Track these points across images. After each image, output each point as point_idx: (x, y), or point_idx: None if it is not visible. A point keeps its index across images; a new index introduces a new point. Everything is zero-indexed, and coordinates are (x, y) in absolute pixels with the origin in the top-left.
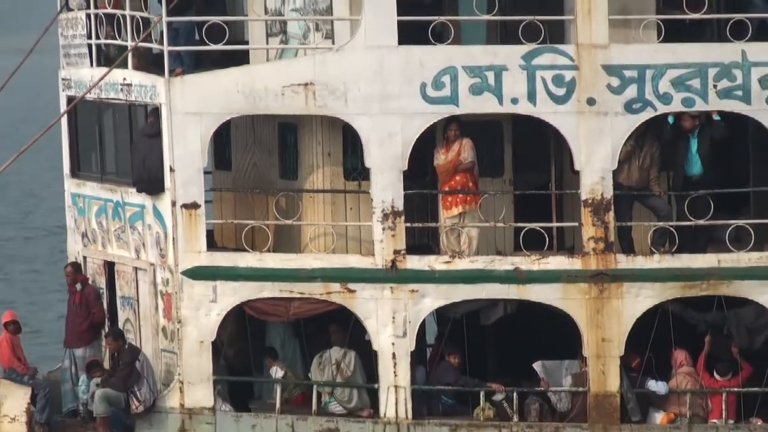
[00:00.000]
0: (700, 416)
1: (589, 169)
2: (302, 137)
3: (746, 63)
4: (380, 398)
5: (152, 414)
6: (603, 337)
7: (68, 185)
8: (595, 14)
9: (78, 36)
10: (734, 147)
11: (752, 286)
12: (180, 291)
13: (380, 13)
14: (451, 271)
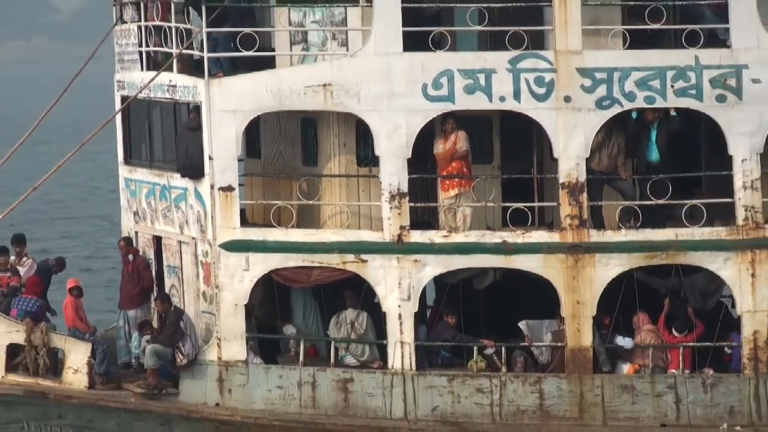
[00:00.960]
0: (660, 367)
1: (565, 156)
2: (321, 130)
3: (699, 66)
4: (388, 352)
5: (194, 366)
6: (578, 300)
7: (122, 171)
8: (571, 25)
9: (131, 44)
10: (688, 138)
11: (704, 256)
12: (217, 261)
13: (388, 24)
14: (449, 244)
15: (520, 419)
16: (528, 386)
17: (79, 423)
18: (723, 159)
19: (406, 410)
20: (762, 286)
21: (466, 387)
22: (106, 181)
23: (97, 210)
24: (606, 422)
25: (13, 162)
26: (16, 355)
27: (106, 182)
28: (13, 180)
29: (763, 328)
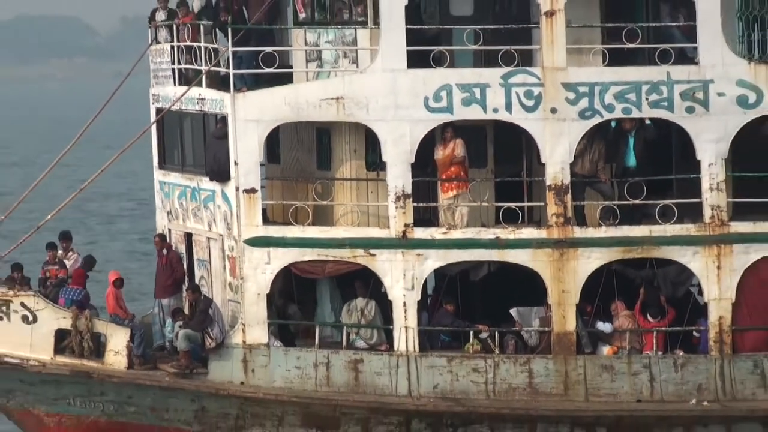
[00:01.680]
0: (636, 349)
1: (551, 161)
2: (334, 138)
3: (670, 81)
4: (394, 336)
5: (221, 349)
6: (563, 289)
7: (157, 175)
8: (556, 44)
9: (164, 62)
10: (661, 144)
11: (675, 250)
12: (242, 255)
13: (393, 44)
14: (448, 240)
15: (512, 395)
16: (518, 366)
17: (119, 399)
18: (692, 163)
19: (410, 387)
20: (726, 277)
21: (464, 367)
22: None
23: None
24: (588, 398)
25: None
26: (63, 339)
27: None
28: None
29: (728, 314)
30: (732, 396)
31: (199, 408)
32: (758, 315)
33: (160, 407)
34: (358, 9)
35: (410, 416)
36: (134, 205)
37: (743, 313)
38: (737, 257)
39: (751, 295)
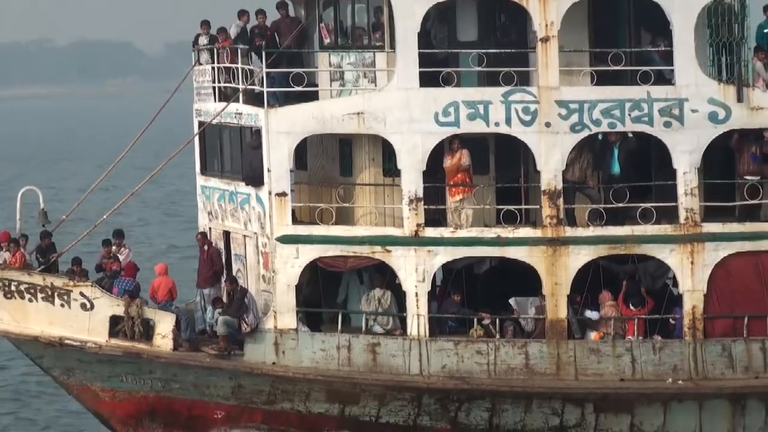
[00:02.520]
0: (620, 334)
1: (546, 169)
2: (355, 148)
3: (650, 99)
4: (407, 322)
5: (256, 333)
6: (556, 282)
7: (199, 180)
8: (550, 67)
9: (206, 81)
10: (642, 155)
11: (654, 247)
12: (274, 251)
13: (407, 66)
14: (455, 238)
15: (510, 375)
16: (516, 349)
17: (165, 377)
18: (669, 172)
19: (421, 368)
20: (699, 271)
21: (468, 350)
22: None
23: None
24: (577, 377)
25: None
26: (117, 323)
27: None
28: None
29: (700, 304)
30: (703, 375)
31: (235, 385)
32: (726, 304)
33: (201, 384)
34: (376, 35)
35: (421, 393)
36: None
37: (713, 303)
38: (708, 254)
39: (720, 287)
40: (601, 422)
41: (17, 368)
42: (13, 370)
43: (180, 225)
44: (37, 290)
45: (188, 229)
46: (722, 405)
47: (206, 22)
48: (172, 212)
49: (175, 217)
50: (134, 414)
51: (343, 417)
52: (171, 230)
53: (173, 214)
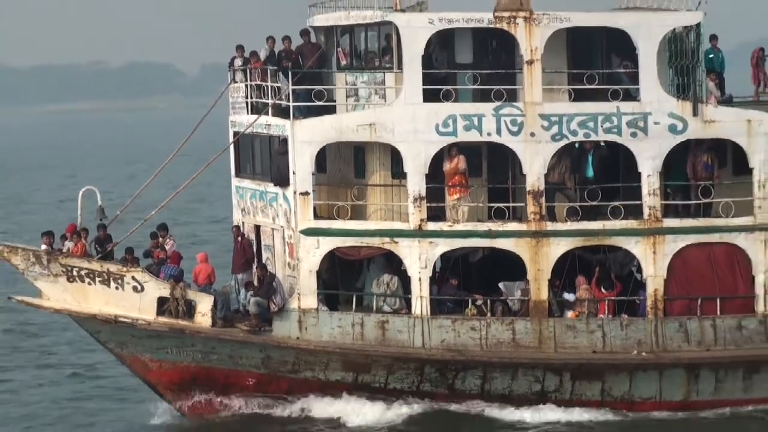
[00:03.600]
0: (593, 313)
1: (530, 173)
2: (368, 154)
3: (619, 113)
4: (412, 303)
5: (282, 312)
6: (539, 268)
7: (234, 181)
8: (535, 85)
9: (240, 96)
10: (612, 160)
11: (622, 239)
12: (298, 242)
13: (412, 84)
14: (453, 231)
15: (499, 348)
16: (505, 326)
17: (205, 349)
18: (635, 175)
19: (423, 342)
20: (660, 260)
21: (464, 326)
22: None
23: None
24: (556, 350)
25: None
26: (163, 304)
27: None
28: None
29: (660, 287)
30: (663, 348)
31: (265, 356)
32: (683, 288)
33: (236, 355)
34: (386, 58)
35: (423, 363)
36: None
37: (672, 287)
38: (668, 245)
39: (678, 273)
40: (576, 388)
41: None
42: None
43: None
44: (96, 275)
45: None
46: (679, 373)
47: (240, 46)
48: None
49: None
50: (178, 381)
51: (356, 383)
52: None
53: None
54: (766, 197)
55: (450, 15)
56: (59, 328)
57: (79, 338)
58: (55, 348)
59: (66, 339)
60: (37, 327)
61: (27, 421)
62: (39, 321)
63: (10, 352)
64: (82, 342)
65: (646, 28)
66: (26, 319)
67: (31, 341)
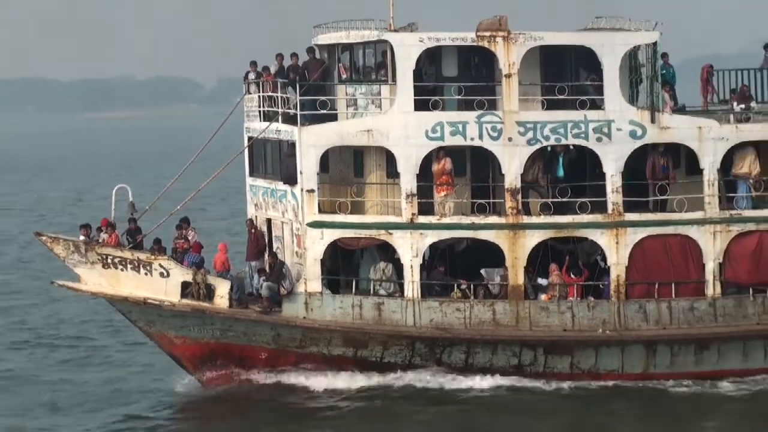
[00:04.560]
0: (563, 296)
1: (508, 173)
2: (365, 156)
3: (586, 120)
4: (405, 287)
5: (291, 295)
6: (516, 257)
7: (248, 180)
8: (512, 96)
9: (254, 106)
10: (580, 162)
11: (589, 231)
12: (305, 233)
13: (405, 95)
14: (440, 224)
15: (481, 326)
16: (486, 307)
17: (223, 327)
18: (600, 175)
19: (414, 321)
20: (622, 249)
21: (450, 307)
22: None
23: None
24: (531, 328)
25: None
26: (186, 288)
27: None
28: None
29: (623, 273)
30: (625, 327)
31: (275, 333)
32: (641, 274)
33: (249, 333)
34: (381, 72)
35: (414, 340)
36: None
37: (632, 273)
38: (629, 236)
39: (637, 261)
40: (548, 362)
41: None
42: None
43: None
44: (127, 262)
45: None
46: (638, 349)
47: (254, 62)
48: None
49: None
50: (199, 355)
51: (356, 357)
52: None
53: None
54: (715, 194)
55: (438, 34)
56: (92, 310)
57: (111, 319)
58: (90, 326)
59: (101, 319)
60: (73, 310)
61: (74, 385)
62: (76, 302)
63: (56, 330)
64: (116, 322)
65: (609, 46)
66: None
67: (68, 322)
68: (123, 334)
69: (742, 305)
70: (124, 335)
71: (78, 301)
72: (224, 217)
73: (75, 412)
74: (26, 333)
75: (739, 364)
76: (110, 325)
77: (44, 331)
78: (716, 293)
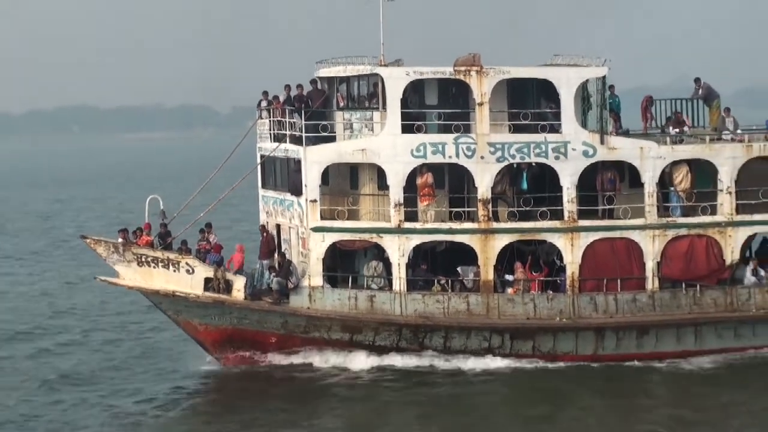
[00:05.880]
0: (526, 290)
1: (481, 186)
2: (360, 171)
3: (546, 142)
4: (393, 282)
5: (297, 289)
6: (487, 256)
7: (260, 191)
8: (484, 121)
9: (265, 129)
10: (541, 176)
11: (548, 235)
12: (309, 237)
13: (394, 120)
14: (423, 228)
15: (458, 315)
16: (461, 299)
17: (240, 316)
18: (558, 187)
19: (401, 311)
20: (576, 250)
21: (431, 299)
22: None
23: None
24: (500, 317)
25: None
26: (208, 283)
27: None
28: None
29: (576, 271)
30: (578, 316)
31: (284, 321)
32: (592, 271)
33: (262, 320)
34: (373, 101)
35: (401, 327)
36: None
37: (584, 270)
38: (582, 239)
39: (589, 260)
40: (514, 345)
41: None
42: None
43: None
44: (159, 261)
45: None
46: (589, 334)
47: (266, 92)
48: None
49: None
50: (219, 339)
51: (351, 341)
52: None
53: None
54: (654, 204)
55: (420, 69)
56: (130, 301)
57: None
58: (126, 315)
59: (138, 308)
60: (115, 303)
61: (109, 360)
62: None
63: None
64: (153, 311)
65: (565, 79)
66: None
67: (109, 310)
68: (157, 321)
69: (676, 297)
70: (158, 322)
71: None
72: (240, 222)
73: (114, 381)
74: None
75: (673, 346)
76: (148, 311)
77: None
78: (655, 287)
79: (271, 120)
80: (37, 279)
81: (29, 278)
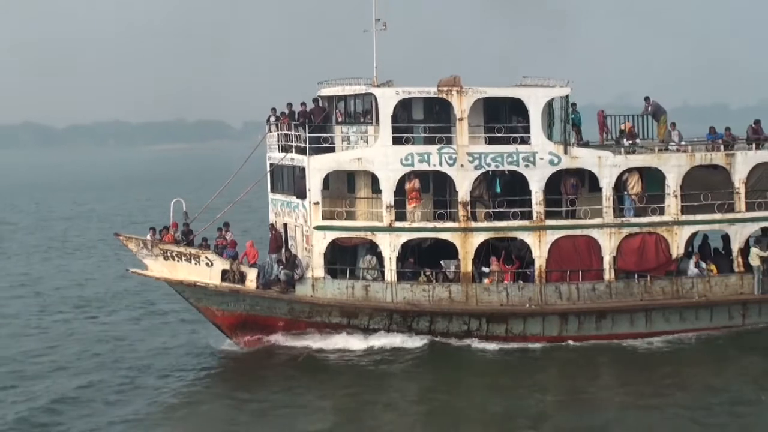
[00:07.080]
0: (501, 280)
1: (461, 190)
2: (356, 178)
3: (518, 152)
4: (385, 274)
5: (302, 280)
6: (466, 251)
7: (270, 195)
8: (463, 134)
9: (274, 141)
10: (512, 182)
11: (520, 233)
12: (312, 234)
13: (385, 133)
14: (411, 227)
15: (441, 303)
16: (444, 288)
17: (252, 303)
18: (527, 191)
19: (392, 298)
20: (543, 246)
21: (418, 289)
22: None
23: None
24: (477, 304)
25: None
26: (225, 274)
27: None
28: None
29: (543, 264)
30: (545, 303)
31: (290, 307)
32: (557, 264)
33: (271, 307)
34: (367, 116)
35: (392, 312)
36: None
37: (550, 263)
38: (548, 237)
39: (554, 255)
40: (490, 328)
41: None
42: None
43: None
44: (182, 255)
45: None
46: (555, 319)
47: (274, 108)
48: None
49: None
50: (234, 323)
51: (349, 324)
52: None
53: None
54: (610, 206)
55: (409, 89)
56: (154, 290)
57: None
58: (155, 301)
59: (162, 298)
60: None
61: (138, 338)
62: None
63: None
64: (178, 298)
65: (534, 97)
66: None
67: (136, 297)
68: (181, 306)
69: (630, 286)
70: (182, 307)
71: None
72: (252, 221)
73: (142, 359)
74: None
75: (627, 329)
76: (174, 300)
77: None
78: (611, 278)
79: (279, 133)
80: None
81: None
